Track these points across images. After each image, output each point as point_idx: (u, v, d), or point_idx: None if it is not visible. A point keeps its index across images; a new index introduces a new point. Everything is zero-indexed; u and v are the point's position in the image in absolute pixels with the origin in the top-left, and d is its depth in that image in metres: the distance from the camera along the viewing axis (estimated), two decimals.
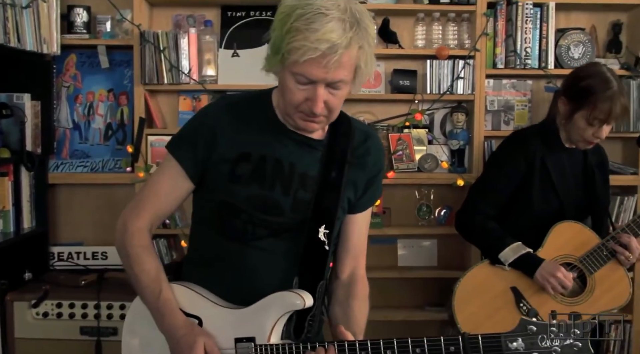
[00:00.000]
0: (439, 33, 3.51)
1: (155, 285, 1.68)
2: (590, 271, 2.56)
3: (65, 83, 3.52)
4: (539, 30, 3.44)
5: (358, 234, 1.85)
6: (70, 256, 3.45)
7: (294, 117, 1.64)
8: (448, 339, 1.51)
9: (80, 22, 3.38)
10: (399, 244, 3.68)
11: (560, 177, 2.64)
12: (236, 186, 1.67)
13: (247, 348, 1.62)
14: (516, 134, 2.82)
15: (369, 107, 3.61)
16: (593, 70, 2.58)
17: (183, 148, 1.72)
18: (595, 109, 2.48)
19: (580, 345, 1.45)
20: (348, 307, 1.78)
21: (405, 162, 3.50)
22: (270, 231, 1.69)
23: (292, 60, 1.53)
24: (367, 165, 1.78)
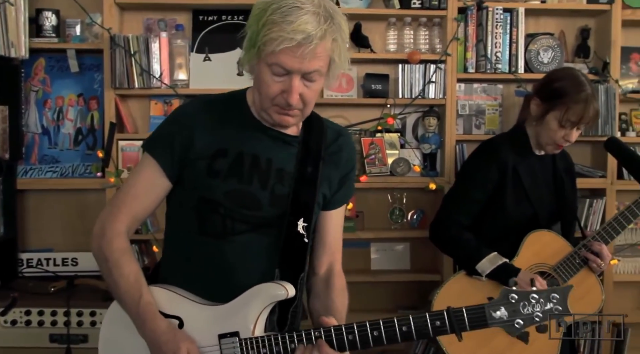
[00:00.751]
0: (410, 37, 3.53)
1: (135, 290, 1.67)
2: (564, 279, 2.58)
3: (33, 87, 3.47)
4: (509, 35, 3.48)
5: (334, 230, 1.88)
6: (40, 263, 3.40)
7: (270, 111, 1.67)
8: (433, 314, 1.54)
9: (49, 26, 3.34)
10: (372, 248, 3.68)
11: (532, 183, 2.65)
12: (214, 182, 1.69)
13: (231, 343, 1.62)
14: (487, 143, 2.82)
15: (341, 111, 3.62)
16: (567, 73, 2.62)
17: (160, 146, 1.73)
18: (569, 110, 2.50)
19: (560, 309, 1.50)
20: (327, 299, 1.81)
21: (378, 165, 3.51)
22: (250, 225, 1.71)
23: (268, 51, 1.57)
24: (341, 162, 1.83)
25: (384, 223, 3.65)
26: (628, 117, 3.72)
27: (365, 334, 1.56)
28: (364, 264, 3.69)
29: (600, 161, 3.59)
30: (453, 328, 1.53)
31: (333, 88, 3.55)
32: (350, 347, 1.58)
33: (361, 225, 3.60)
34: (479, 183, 2.66)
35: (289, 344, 1.60)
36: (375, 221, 3.67)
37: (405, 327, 1.55)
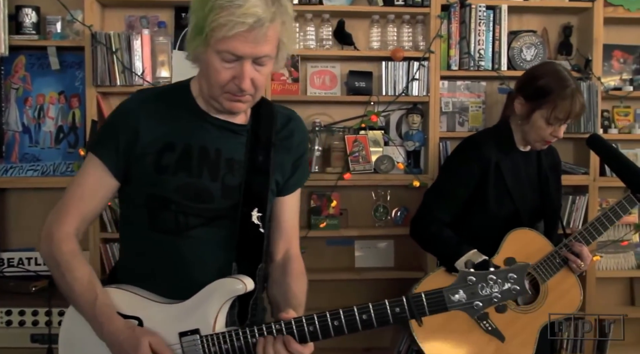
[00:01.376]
0: (393, 35, 3.53)
1: (89, 292, 1.64)
2: (544, 278, 2.57)
3: (14, 85, 3.44)
4: (492, 32, 3.49)
5: (289, 216, 1.86)
6: (21, 262, 3.37)
7: (220, 99, 1.64)
8: (393, 301, 1.53)
9: (29, 23, 3.31)
10: (356, 245, 3.68)
11: (515, 180, 2.63)
12: (163, 177, 1.66)
13: (192, 340, 1.60)
14: (469, 139, 2.78)
15: (324, 109, 3.62)
16: (549, 69, 2.58)
17: (104, 145, 1.70)
18: (556, 108, 2.48)
19: (518, 288, 1.50)
20: (285, 284, 1.79)
21: (362, 163, 3.50)
22: (203, 219, 1.68)
23: (217, 38, 1.54)
24: (292, 147, 1.81)
25: (368, 221, 3.65)
26: (610, 114, 3.74)
27: (326, 324, 1.54)
28: (348, 262, 3.68)
29: (582, 158, 3.61)
30: (413, 313, 1.52)
31: (316, 86, 3.55)
32: (312, 338, 1.56)
33: (345, 223, 3.60)
34: (460, 179, 2.64)
35: (250, 338, 1.58)
36: (359, 218, 3.67)
37: (366, 315, 1.53)
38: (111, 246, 3.34)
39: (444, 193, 2.68)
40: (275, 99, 3.43)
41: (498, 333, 2.48)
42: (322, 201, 3.50)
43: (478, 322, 2.48)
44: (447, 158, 2.89)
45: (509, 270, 1.50)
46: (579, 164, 3.62)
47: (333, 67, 3.59)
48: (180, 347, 1.61)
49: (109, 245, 3.34)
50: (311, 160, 3.50)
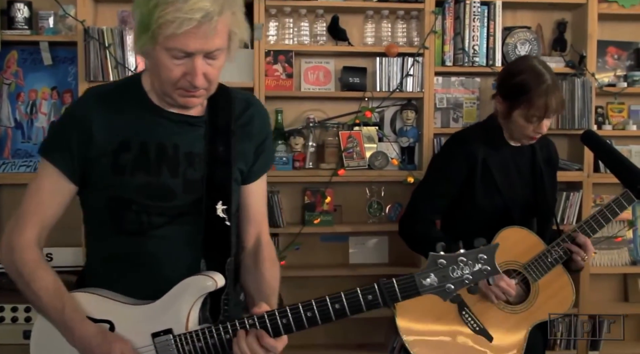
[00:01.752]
0: (388, 31, 3.52)
1: (56, 301, 1.60)
2: (535, 277, 2.51)
3: (6, 80, 3.42)
4: (486, 28, 3.49)
5: (256, 202, 1.82)
6: None
7: (173, 95, 1.59)
8: (365, 289, 1.51)
9: (22, 18, 3.29)
10: (350, 241, 3.68)
11: (504, 176, 2.57)
12: (122, 178, 1.62)
13: (165, 340, 1.58)
14: (457, 135, 2.72)
15: (319, 105, 3.62)
16: (524, 66, 2.50)
17: (57, 150, 1.64)
18: (532, 107, 2.41)
19: (489, 268, 1.49)
20: (257, 272, 1.76)
21: (356, 159, 3.50)
22: (167, 217, 1.64)
23: (165, 35, 1.48)
24: (253, 133, 1.75)
25: (362, 217, 3.65)
26: (604, 111, 3.75)
27: (299, 316, 1.53)
28: (342, 258, 3.68)
29: (576, 154, 3.62)
30: (385, 300, 1.50)
31: (310, 82, 3.54)
32: (286, 331, 1.54)
33: (339, 219, 3.61)
34: (446, 177, 2.59)
35: (224, 335, 1.56)
36: (353, 215, 3.67)
37: (338, 304, 1.51)
38: None
39: (431, 191, 2.64)
40: (270, 95, 3.43)
41: (486, 333, 2.47)
42: (316, 198, 3.50)
43: (466, 323, 2.48)
44: (434, 156, 2.85)
45: (479, 251, 1.49)
46: (573, 160, 3.62)
47: (327, 62, 3.58)
48: (154, 348, 1.58)
49: None
50: (305, 155, 3.50)
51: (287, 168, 3.45)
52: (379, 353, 3.63)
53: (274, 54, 3.46)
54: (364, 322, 3.63)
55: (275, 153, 3.46)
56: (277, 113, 3.50)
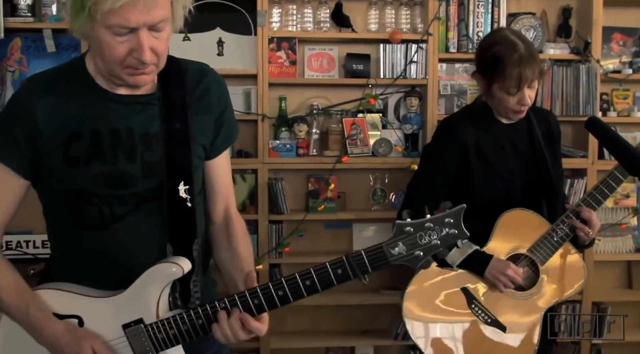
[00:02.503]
0: (391, 17, 3.52)
1: (19, 300, 1.55)
2: (542, 260, 2.44)
3: (10, 67, 3.43)
4: (490, 14, 3.48)
5: (222, 177, 1.76)
6: (19, 245, 3.39)
7: (121, 75, 1.49)
8: (334, 263, 1.49)
9: (25, 5, 3.30)
10: (354, 228, 3.69)
11: (500, 157, 2.48)
12: (76, 170, 1.54)
13: (136, 330, 1.54)
14: (445, 122, 2.61)
15: (322, 92, 3.62)
16: (496, 37, 2.44)
17: (4, 146, 1.56)
18: (507, 78, 2.33)
19: (456, 232, 1.49)
20: (230, 248, 1.71)
21: (360, 146, 3.51)
22: (129, 206, 1.57)
23: (103, 12, 1.38)
24: (211, 104, 1.66)
25: (366, 204, 3.66)
26: (609, 97, 3.73)
27: (270, 295, 1.50)
28: (346, 245, 3.69)
29: (581, 141, 3.61)
30: (355, 272, 1.48)
31: (314, 69, 3.54)
32: (258, 311, 1.52)
33: (343, 206, 3.61)
34: (439, 167, 2.52)
35: (197, 320, 1.53)
36: (357, 202, 3.68)
37: (309, 281, 1.49)
38: None
39: (425, 183, 2.55)
40: (273, 82, 3.43)
41: (498, 323, 2.44)
42: (320, 185, 3.51)
43: (477, 315, 2.45)
44: (425, 145, 2.78)
45: (445, 214, 1.49)
46: (577, 147, 3.61)
47: (331, 49, 3.58)
48: (126, 339, 1.55)
49: None
50: (309, 143, 3.51)
51: (290, 155, 3.46)
52: (383, 339, 3.65)
53: (277, 40, 3.45)
54: (368, 309, 3.66)
55: (279, 140, 3.47)
56: (280, 100, 3.50)
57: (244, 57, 3.46)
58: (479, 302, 2.46)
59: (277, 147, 3.45)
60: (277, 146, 3.46)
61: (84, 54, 1.61)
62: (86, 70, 1.58)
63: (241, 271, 1.62)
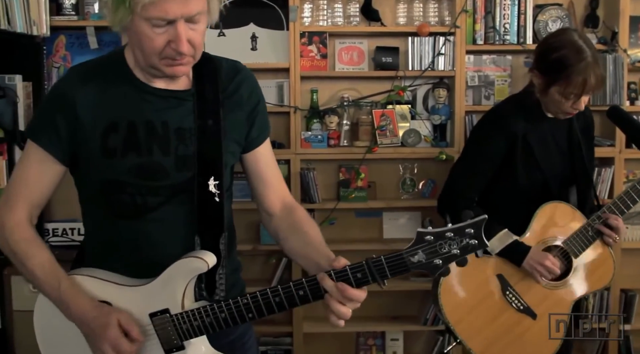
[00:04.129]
0: (420, 10, 3.58)
1: (52, 277, 1.60)
2: (576, 253, 2.51)
3: (55, 64, 3.58)
4: (517, 6, 3.53)
5: (267, 166, 1.78)
6: (65, 233, 3.53)
7: (159, 66, 1.53)
8: (354, 267, 1.50)
9: (69, 4, 3.43)
10: (384, 217, 3.77)
11: (544, 151, 2.53)
12: (112, 161, 1.58)
13: (162, 319, 1.59)
14: (495, 111, 2.66)
15: (352, 84, 3.70)
16: (564, 40, 2.40)
17: (43, 132, 1.60)
18: (570, 84, 2.35)
19: (476, 242, 1.46)
20: (303, 233, 1.69)
21: (389, 137, 3.58)
22: (162, 197, 1.61)
23: (143, 4, 1.43)
24: (242, 99, 1.70)
25: (395, 193, 3.74)
26: (637, 86, 3.74)
27: (291, 294, 1.52)
28: (376, 233, 3.79)
29: (608, 130, 3.63)
30: (374, 277, 1.49)
31: (344, 62, 3.63)
32: (279, 308, 1.55)
33: (373, 195, 3.70)
34: (487, 156, 2.55)
35: (219, 314, 1.56)
36: (387, 191, 3.76)
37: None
38: None
39: (471, 169, 2.60)
40: (305, 75, 3.53)
41: (530, 311, 2.51)
42: (351, 174, 3.60)
43: (510, 302, 2.52)
44: (472, 131, 2.79)
45: (466, 225, 1.46)
46: (605, 136, 3.65)
47: (360, 43, 3.66)
48: (153, 327, 1.60)
49: None
50: (340, 134, 3.59)
51: (322, 146, 3.55)
52: (413, 325, 3.74)
53: (308, 35, 3.53)
54: (397, 295, 3.74)
55: (311, 131, 3.56)
56: (312, 93, 3.59)
57: (277, 51, 3.56)
58: (513, 289, 2.53)
59: (309, 138, 3.55)
60: (309, 137, 3.55)
61: (123, 47, 1.65)
62: (125, 63, 1.62)
63: (325, 256, 1.59)
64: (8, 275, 3.07)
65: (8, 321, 3.07)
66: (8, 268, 3.08)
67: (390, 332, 3.81)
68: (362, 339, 3.84)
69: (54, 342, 1.69)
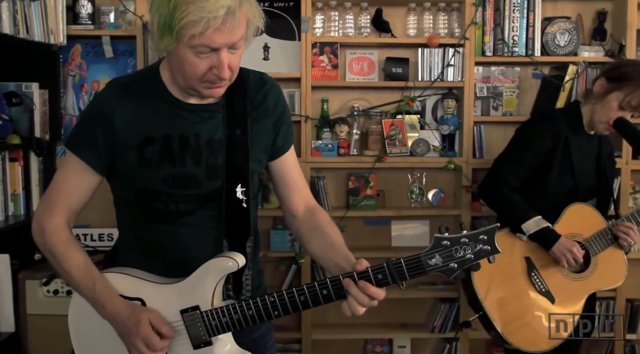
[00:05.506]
0: (430, 22, 3.63)
1: (88, 278, 1.70)
2: (595, 251, 2.74)
3: (71, 72, 3.64)
4: (525, 19, 3.57)
5: (292, 171, 1.87)
6: (78, 238, 3.56)
7: (199, 89, 1.63)
8: (375, 268, 1.59)
9: (85, 14, 3.49)
10: (393, 225, 3.81)
11: (580, 159, 2.77)
12: (148, 171, 1.68)
13: (192, 316, 1.67)
14: (544, 113, 2.97)
15: (363, 94, 3.75)
16: (637, 63, 2.78)
17: (83, 145, 1.70)
18: (632, 94, 2.63)
19: (489, 248, 1.58)
20: (325, 235, 1.78)
21: (398, 146, 3.62)
22: (194, 204, 1.71)
23: (191, 34, 1.50)
24: (269, 109, 1.79)
25: (404, 202, 3.78)
26: None
27: (315, 293, 1.61)
28: (385, 241, 3.82)
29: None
30: (394, 278, 1.58)
31: (355, 72, 3.68)
32: (304, 307, 1.64)
33: (382, 204, 3.74)
34: (533, 148, 2.77)
35: (247, 311, 1.65)
36: (396, 199, 3.80)
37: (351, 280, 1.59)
38: None
39: (516, 160, 2.81)
40: (316, 85, 3.57)
41: (550, 295, 2.71)
42: (360, 183, 3.64)
43: (533, 283, 2.72)
44: (519, 129, 2.95)
45: (480, 232, 1.58)
46: None
47: (371, 53, 3.71)
48: (183, 323, 1.68)
49: None
50: (350, 143, 3.64)
51: (332, 154, 3.59)
52: (420, 332, 3.78)
53: (320, 45, 3.59)
54: (405, 302, 3.77)
55: (321, 140, 3.61)
56: (322, 102, 3.64)
57: (289, 61, 3.61)
58: (538, 272, 2.75)
59: (319, 146, 3.59)
60: (320, 146, 3.59)
61: (158, 63, 1.75)
62: (160, 79, 1.71)
63: (345, 257, 1.68)
64: (23, 278, 3.12)
65: (22, 324, 3.11)
66: (23, 272, 3.13)
67: (398, 339, 3.84)
68: (369, 346, 3.87)
69: (88, 342, 1.78)
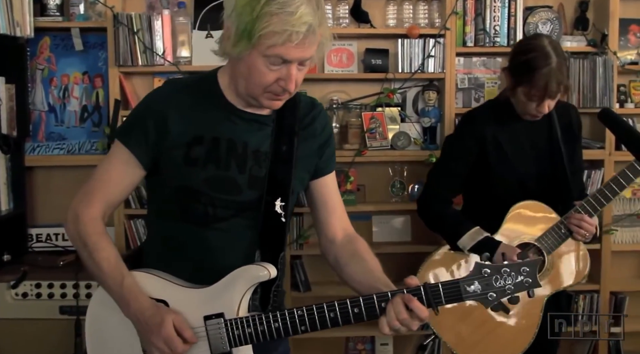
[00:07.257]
0: (409, 12, 3.56)
1: (116, 272, 1.68)
2: (549, 250, 2.58)
3: (39, 66, 3.53)
4: (507, 8, 3.52)
5: (332, 194, 1.89)
6: (49, 238, 3.49)
7: (260, 98, 1.65)
8: (411, 290, 1.56)
9: (53, 5, 3.39)
10: (374, 220, 3.75)
11: (517, 151, 2.63)
12: (192, 170, 1.69)
13: (217, 324, 1.65)
14: (466, 115, 2.79)
15: (342, 86, 3.68)
16: (534, 45, 2.52)
17: (133, 135, 1.71)
18: (533, 86, 2.46)
19: (530, 281, 1.55)
20: (364, 261, 1.78)
21: (379, 139, 3.56)
22: (231, 211, 1.71)
23: (269, 44, 1.54)
24: (316, 131, 1.83)
25: (385, 196, 3.72)
26: (627, 89, 3.74)
27: (346, 311, 1.59)
28: (365, 236, 3.58)
29: (598, 132, 3.63)
30: (430, 302, 1.56)
31: (333, 64, 3.61)
32: (332, 324, 1.60)
33: (362, 198, 3.68)
34: (457, 156, 2.68)
35: (273, 323, 1.62)
36: (376, 194, 3.74)
37: (384, 303, 1.58)
38: (135, 222, 3.45)
39: (444, 171, 2.73)
40: None
41: (502, 305, 2.52)
42: (340, 178, 3.56)
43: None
44: (446, 136, 2.90)
45: (522, 263, 1.55)
46: (594, 139, 3.64)
47: (350, 45, 3.64)
48: (205, 330, 1.66)
49: (133, 221, 3.46)
50: None
51: None
52: None
53: None
54: None
55: None
56: None
57: None
58: None
59: None
60: None
61: (216, 69, 1.77)
62: (217, 84, 1.74)
63: (386, 284, 1.67)
64: None
65: None
66: None
67: (380, 337, 3.79)
68: (351, 344, 3.82)
69: (103, 339, 1.77)
